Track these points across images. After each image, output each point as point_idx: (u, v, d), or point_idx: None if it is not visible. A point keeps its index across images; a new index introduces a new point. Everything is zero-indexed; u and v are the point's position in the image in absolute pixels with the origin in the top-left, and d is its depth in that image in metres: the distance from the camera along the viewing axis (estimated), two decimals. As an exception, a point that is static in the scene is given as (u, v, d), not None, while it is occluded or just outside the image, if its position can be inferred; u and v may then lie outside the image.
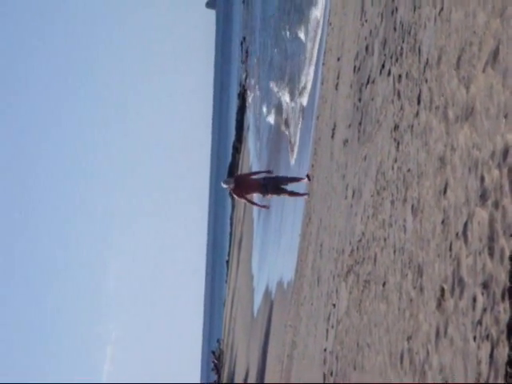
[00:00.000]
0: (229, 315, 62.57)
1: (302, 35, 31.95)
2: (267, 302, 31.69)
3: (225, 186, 15.88)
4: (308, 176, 17.95)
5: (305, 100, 27.49)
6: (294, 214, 24.93)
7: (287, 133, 33.81)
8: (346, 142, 11.10)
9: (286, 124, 34.55)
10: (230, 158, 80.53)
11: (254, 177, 16.51)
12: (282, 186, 15.97)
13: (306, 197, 18.65)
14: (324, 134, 16.28)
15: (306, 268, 17.28)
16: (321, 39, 24.26)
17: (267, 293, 32.42)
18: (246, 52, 72.13)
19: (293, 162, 29.12)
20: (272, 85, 44.16)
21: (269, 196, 16.07)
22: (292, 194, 16.87)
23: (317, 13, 27.43)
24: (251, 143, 57.89)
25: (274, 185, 15.73)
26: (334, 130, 13.82)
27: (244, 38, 78.12)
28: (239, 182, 15.80)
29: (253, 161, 52.72)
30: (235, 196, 16.04)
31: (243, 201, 16.66)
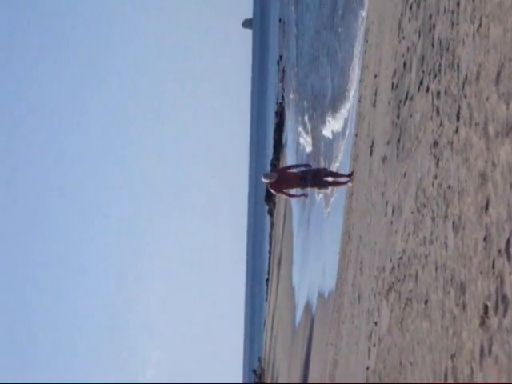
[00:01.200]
0: (269, 333, 62.41)
1: (338, 53, 31.97)
2: (308, 320, 31.59)
3: (266, 180, 15.44)
4: (351, 174, 17.06)
5: (342, 117, 27.46)
6: (333, 231, 24.87)
7: (324, 150, 33.79)
8: (384, 158, 11.06)
9: (324, 141, 34.52)
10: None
11: (293, 170, 16.02)
12: (323, 179, 15.52)
13: (350, 184, 17.21)
14: (362, 151, 16.24)
15: (346, 285, 17.21)
16: (358, 57, 24.25)
17: (307, 310, 32.33)
18: (283, 71, 72.26)
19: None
20: (308, 102, 44.18)
21: (308, 189, 15.60)
22: (333, 183, 16.30)
23: (354, 30, 27.44)
24: (289, 161, 57.93)
25: (313, 177, 15.28)
26: (372, 147, 13.78)
27: (280, 57, 78.31)
28: (278, 177, 15.37)
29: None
30: (273, 191, 15.64)
31: (281, 195, 16.19)
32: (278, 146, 70.89)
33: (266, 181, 15.40)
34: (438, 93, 6.79)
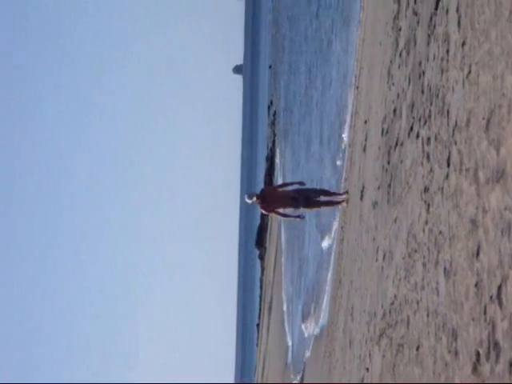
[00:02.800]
0: (260, 379, 61.91)
1: (327, 94, 32.19)
2: (299, 365, 31.37)
3: (249, 200, 14.59)
4: (345, 193, 16.36)
5: (331, 164, 27.55)
6: (324, 273, 24.81)
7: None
8: (375, 204, 11.09)
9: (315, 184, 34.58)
10: (258, 221, 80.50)
11: (284, 189, 15.17)
12: (315, 199, 14.82)
13: (344, 204, 16.44)
14: (353, 196, 16.26)
15: (337, 331, 17.13)
16: (348, 102, 24.41)
17: (298, 356, 32.11)
18: (274, 115, 72.64)
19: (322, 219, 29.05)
20: (299, 145, 44.36)
21: (300, 210, 14.84)
22: (327, 203, 15.59)
23: (343, 75, 27.65)
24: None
25: (306, 197, 14.54)
26: (362, 191, 13.82)
27: (271, 102, 78.77)
28: (266, 196, 14.57)
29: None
30: (263, 211, 14.95)
31: (273, 215, 15.41)
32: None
33: (249, 201, 14.59)
34: (429, 139, 6.83)
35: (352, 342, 12.44)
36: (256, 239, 77.46)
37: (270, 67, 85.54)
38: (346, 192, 16.27)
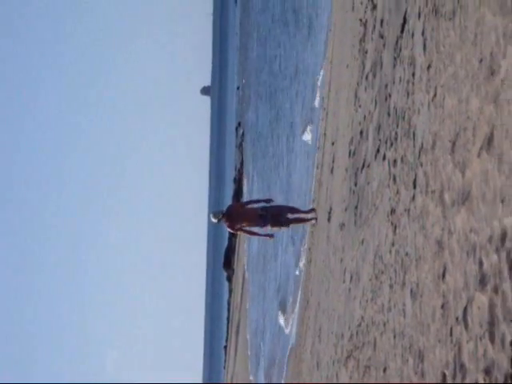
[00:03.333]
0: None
1: (293, 115, 32.31)
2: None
3: (214, 219, 13.97)
4: (313, 210, 16.02)
5: (299, 185, 27.63)
6: (292, 295, 24.81)
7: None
8: (342, 225, 11.12)
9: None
10: (226, 242, 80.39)
11: (251, 206, 14.57)
12: (284, 217, 14.22)
13: (313, 222, 16.01)
14: (320, 217, 16.31)
15: (304, 352, 17.11)
16: (315, 124, 24.52)
17: (267, 376, 32.00)
18: (242, 137, 72.79)
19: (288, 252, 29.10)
20: (267, 166, 44.44)
21: (268, 229, 14.16)
22: (296, 220, 15.01)
23: (311, 98, 27.78)
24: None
25: (273, 215, 13.95)
26: (330, 213, 13.86)
27: (239, 124, 78.95)
28: (232, 213, 13.97)
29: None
30: (230, 230, 14.26)
31: (241, 233, 14.96)
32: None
33: (215, 220, 14.01)
34: (395, 161, 6.88)
35: (319, 364, 12.43)
36: (224, 260, 77.32)
37: (237, 88, 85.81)
38: (314, 209, 16.00)
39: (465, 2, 4.93)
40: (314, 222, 15.90)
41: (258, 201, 14.97)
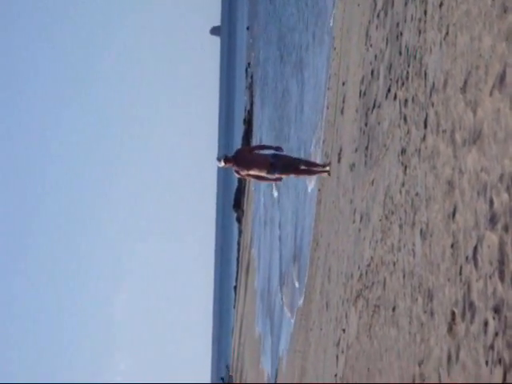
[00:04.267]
0: (237, 341, 62.35)
1: (305, 57, 32.07)
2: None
3: (220, 164, 13.19)
4: (328, 164, 14.95)
5: (310, 124, 27.53)
6: (302, 234, 24.90)
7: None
8: (352, 166, 11.10)
9: (292, 149, 34.59)
10: (236, 184, 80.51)
11: (261, 152, 13.66)
12: (295, 166, 13.45)
13: (325, 175, 15.11)
14: (330, 159, 16.27)
15: (314, 293, 17.23)
16: (326, 63, 24.33)
17: (275, 317, 32.29)
18: (251, 77, 72.38)
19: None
20: (277, 114, 44.25)
21: (276, 176, 13.30)
22: (306, 172, 14.17)
23: (321, 36, 27.53)
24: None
25: (284, 163, 13.16)
26: (340, 154, 13.82)
27: (249, 64, 78.44)
28: (241, 158, 13.14)
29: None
30: (237, 174, 13.45)
31: (248, 179, 14.10)
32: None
33: (221, 165, 13.26)
34: (406, 100, 6.83)
35: (329, 304, 12.52)
36: (234, 202, 77.52)
37: (247, 28, 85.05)
38: (329, 163, 15.26)
39: None
40: (325, 175, 15.15)
41: (267, 147, 14.24)
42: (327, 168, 14.82)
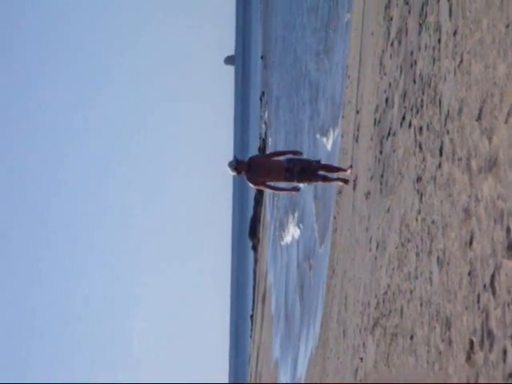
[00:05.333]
0: (254, 371, 62.03)
1: (321, 85, 32.18)
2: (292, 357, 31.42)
3: (232, 172, 12.10)
4: (350, 167, 13.75)
5: (324, 151, 27.58)
6: (319, 265, 24.86)
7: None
8: (368, 194, 11.09)
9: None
10: (251, 212, 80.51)
11: (276, 158, 12.59)
12: (314, 172, 12.33)
13: (341, 183, 13.99)
14: (345, 187, 16.28)
15: (331, 321, 17.16)
16: (341, 92, 24.41)
17: (292, 349, 32.17)
18: (266, 106, 72.62)
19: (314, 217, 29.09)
20: (291, 142, 44.33)
21: (295, 183, 12.31)
22: (328, 179, 13.03)
23: (335, 65, 27.64)
24: (268, 202, 57.84)
25: (302, 169, 12.11)
26: (355, 182, 13.81)
27: (263, 93, 78.73)
28: (254, 166, 12.07)
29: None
30: (251, 184, 12.28)
31: (263, 188, 13.01)
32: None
33: (233, 172, 12.17)
34: (421, 128, 6.83)
35: (346, 332, 12.47)
36: (249, 230, 77.51)
37: (261, 58, 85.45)
38: (350, 166, 13.81)
39: (491, -33, 4.87)
40: (347, 184, 13.82)
41: (283, 152, 13.14)
42: (348, 172, 13.64)
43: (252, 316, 78.73)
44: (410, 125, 7.55)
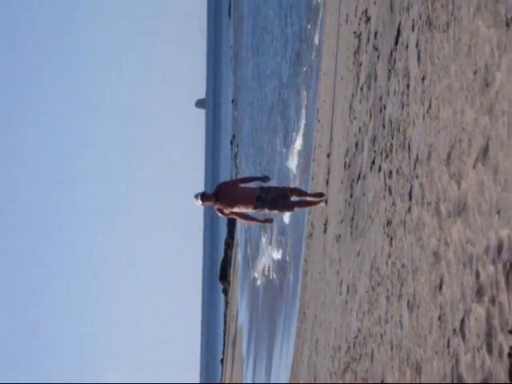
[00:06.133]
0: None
1: (290, 131, 32.33)
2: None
3: (199, 202, 11.39)
4: (322, 195, 12.89)
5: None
6: (287, 308, 24.77)
7: (278, 231, 33.83)
8: (338, 237, 11.11)
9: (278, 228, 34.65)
10: (222, 255, 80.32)
11: (246, 185, 11.83)
12: (286, 199, 11.56)
13: (322, 204, 12.88)
14: (316, 229, 16.30)
15: (301, 365, 17.07)
16: (309, 135, 24.55)
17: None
18: (237, 148, 72.80)
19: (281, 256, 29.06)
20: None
21: (265, 212, 11.60)
22: (302, 204, 12.38)
23: (304, 110, 27.82)
24: (240, 248, 57.74)
25: (274, 196, 11.41)
26: (326, 225, 13.84)
27: (234, 136, 78.99)
28: (223, 194, 11.42)
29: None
30: (220, 213, 11.66)
31: (233, 217, 12.18)
32: (232, 225, 70.83)
33: (199, 203, 11.47)
34: (390, 172, 6.88)
35: (316, 377, 12.40)
36: (220, 273, 77.19)
37: (232, 101, 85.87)
38: (322, 194, 13.22)
39: (459, 14, 4.95)
40: (323, 204, 13.06)
41: (253, 178, 12.44)
42: (324, 197, 12.94)
43: (222, 360, 78.10)
44: (379, 169, 7.59)
